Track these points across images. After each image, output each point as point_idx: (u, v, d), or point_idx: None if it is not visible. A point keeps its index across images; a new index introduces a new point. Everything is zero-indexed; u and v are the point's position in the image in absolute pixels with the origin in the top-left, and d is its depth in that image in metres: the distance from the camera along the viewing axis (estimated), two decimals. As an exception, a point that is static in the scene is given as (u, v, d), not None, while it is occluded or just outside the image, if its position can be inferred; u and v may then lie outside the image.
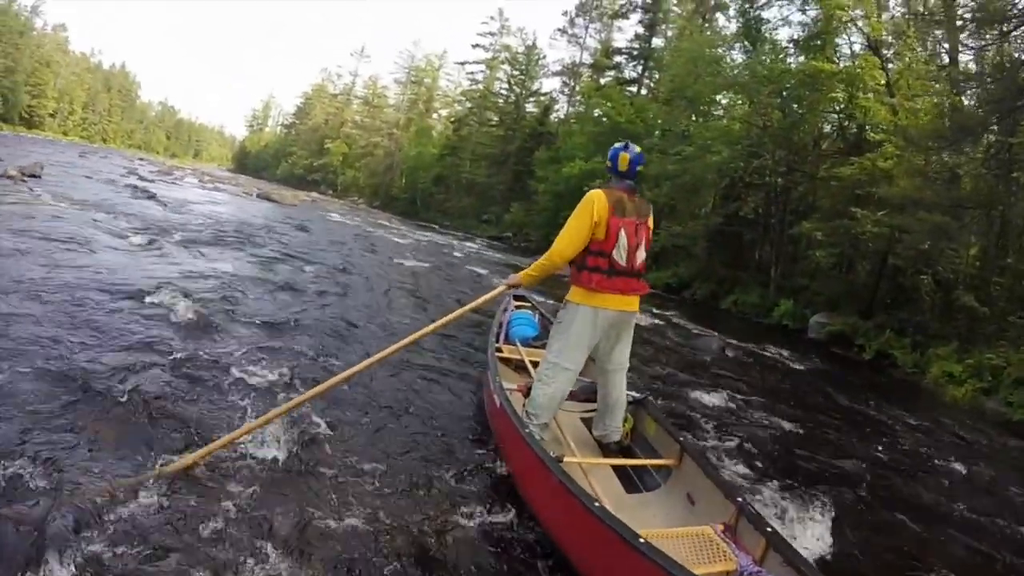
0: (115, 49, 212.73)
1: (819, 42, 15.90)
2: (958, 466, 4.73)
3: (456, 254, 15.92)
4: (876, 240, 12.18)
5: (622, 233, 2.67)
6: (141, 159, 37.60)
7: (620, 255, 2.69)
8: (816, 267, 15.01)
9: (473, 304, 3.13)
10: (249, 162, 79.97)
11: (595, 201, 2.67)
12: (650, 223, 2.86)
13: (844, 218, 12.43)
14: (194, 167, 46.97)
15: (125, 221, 8.01)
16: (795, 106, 15.80)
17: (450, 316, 3.09)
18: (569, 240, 2.69)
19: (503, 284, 3.10)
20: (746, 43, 18.16)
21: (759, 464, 3.75)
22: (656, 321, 10.01)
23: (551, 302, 4.67)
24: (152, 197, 12.18)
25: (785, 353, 9.30)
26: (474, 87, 46.69)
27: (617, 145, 2.85)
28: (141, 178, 17.83)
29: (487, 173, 38.36)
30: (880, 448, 4.89)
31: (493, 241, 27.10)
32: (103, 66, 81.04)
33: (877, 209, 11.72)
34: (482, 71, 45.92)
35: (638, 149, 2.83)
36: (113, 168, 20.59)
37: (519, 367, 4.08)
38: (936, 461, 4.84)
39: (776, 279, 15.32)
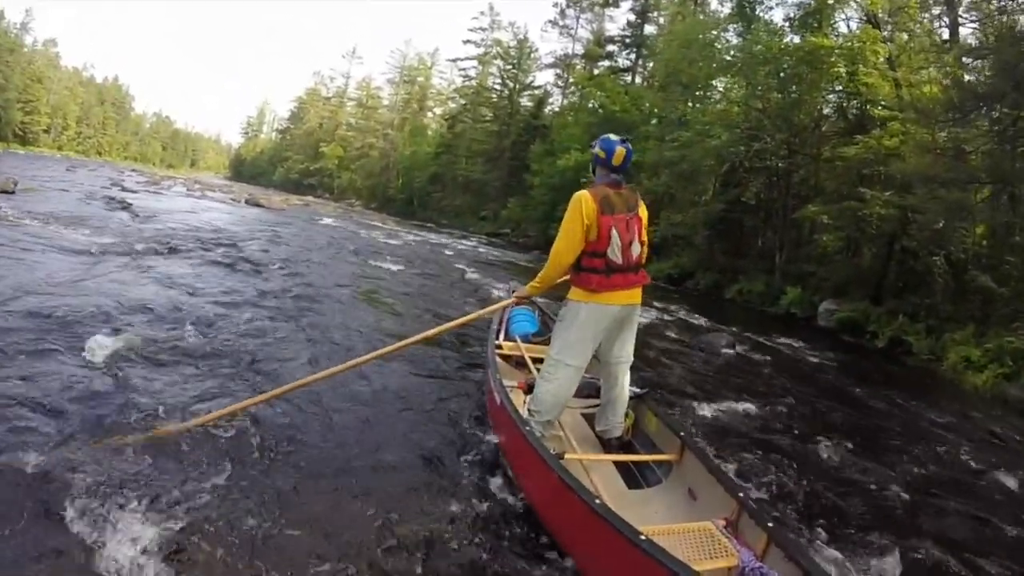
0: (109, 56, 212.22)
1: (815, 21, 15.42)
2: (991, 467, 4.24)
3: (449, 253, 15.47)
4: (885, 221, 11.72)
5: (614, 231, 2.64)
6: (133, 171, 37.39)
7: (615, 253, 2.65)
8: (823, 252, 14.56)
9: (478, 314, 3.30)
10: (245, 169, 79.90)
11: (582, 203, 2.64)
12: (641, 213, 2.79)
13: (850, 200, 11.99)
14: (187, 176, 46.82)
15: (84, 234, 7.62)
16: (794, 86, 15.30)
17: (452, 323, 3.22)
18: (565, 246, 2.69)
19: (512, 297, 3.25)
20: (740, 24, 17.71)
21: (767, 464, 3.49)
22: (659, 315, 9.58)
23: (551, 301, 4.44)
24: (127, 208, 11.78)
25: (794, 343, 8.94)
26: (467, 83, 46.29)
27: (613, 138, 2.78)
28: (123, 189, 17.44)
29: (483, 169, 38.06)
30: (903, 446, 4.44)
31: (491, 238, 26.71)
32: (96, 79, 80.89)
33: (884, 189, 11.30)
34: (475, 67, 45.53)
35: (630, 145, 2.81)
36: (97, 181, 20.19)
37: (519, 363, 4.09)
38: (967, 460, 4.37)
39: (781, 266, 14.81)
